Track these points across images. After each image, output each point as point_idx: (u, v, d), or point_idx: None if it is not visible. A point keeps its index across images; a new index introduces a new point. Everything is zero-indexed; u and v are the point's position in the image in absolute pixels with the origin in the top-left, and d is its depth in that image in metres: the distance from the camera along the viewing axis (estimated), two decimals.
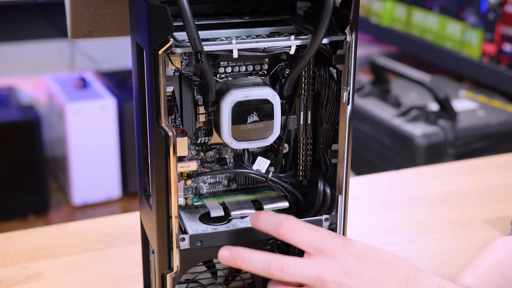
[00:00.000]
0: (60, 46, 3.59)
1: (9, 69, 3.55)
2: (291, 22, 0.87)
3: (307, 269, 0.81)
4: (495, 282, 0.94)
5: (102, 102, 3.18)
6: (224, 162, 0.91)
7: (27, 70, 3.58)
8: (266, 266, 0.82)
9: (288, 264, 0.82)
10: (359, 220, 1.24)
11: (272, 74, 0.88)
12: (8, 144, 3.05)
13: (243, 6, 0.87)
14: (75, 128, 3.15)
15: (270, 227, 0.83)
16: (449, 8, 2.68)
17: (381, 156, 2.41)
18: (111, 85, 3.35)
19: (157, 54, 0.76)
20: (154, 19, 0.75)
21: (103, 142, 3.22)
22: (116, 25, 0.91)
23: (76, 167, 3.20)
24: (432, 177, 1.49)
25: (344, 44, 0.84)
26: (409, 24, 2.90)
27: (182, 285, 0.90)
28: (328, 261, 0.81)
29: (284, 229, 0.82)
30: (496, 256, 0.99)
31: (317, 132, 0.91)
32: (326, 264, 0.81)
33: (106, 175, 3.26)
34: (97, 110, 3.17)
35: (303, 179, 0.93)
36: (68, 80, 3.39)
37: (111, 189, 3.28)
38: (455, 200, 1.37)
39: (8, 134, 3.04)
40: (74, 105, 3.13)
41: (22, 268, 1.09)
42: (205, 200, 0.91)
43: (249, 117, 0.83)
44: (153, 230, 0.84)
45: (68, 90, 3.27)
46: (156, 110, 0.79)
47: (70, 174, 3.21)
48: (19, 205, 3.12)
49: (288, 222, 0.83)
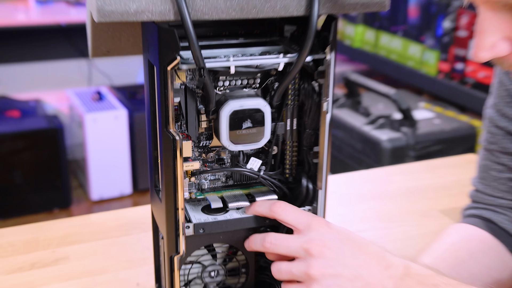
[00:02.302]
0: (79, 65, 3.59)
1: (36, 85, 3.55)
2: (279, 43, 0.87)
3: (294, 241, 0.82)
4: (449, 261, 0.95)
5: (115, 113, 3.18)
6: (222, 162, 0.91)
7: (52, 85, 3.57)
8: (262, 241, 0.84)
9: (277, 238, 0.83)
10: (336, 211, 1.24)
11: (264, 87, 0.88)
12: (35, 149, 3.05)
13: (239, 29, 0.87)
14: (93, 135, 3.15)
15: (265, 208, 0.85)
16: (410, 33, 2.70)
17: (353, 158, 2.41)
18: (123, 98, 3.35)
19: (166, 70, 0.77)
20: (164, 40, 0.75)
21: (116, 146, 3.22)
22: (130, 45, 0.90)
23: (94, 167, 3.20)
24: (396, 175, 1.50)
25: (324, 62, 0.84)
26: (377, 46, 2.91)
27: (187, 266, 0.90)
28: (312, 234, 0.81)
29: (276, 207, 0.84)
30: (450, 240, 1.00)
31: (301, 137, 0.91)
32: (310, 237, 0.81)
33: (119, 174, 3.26)
34: (111, 119, 3.17)
35: (290, 176, 0.93)
36: (86, 94, 3.39)
37: (124, 186, 3.28)
38: (415, 194, 1.38)
39: (36, 140, 3.04)
40: (91, 115, 3.13)
41: (51, 252, 1.09)
42: (206, 194, 0.91)
43: (244, 124, 0.83)
44: (163, 220, 0.84)
45: (87, 102, 3.27)
46: (165, 117, 0.79)
47: (89, 174, 3.21)
48: (45, 200, 3.11)
49: (279, 203, 0.84)
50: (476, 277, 0.94)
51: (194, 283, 0.92)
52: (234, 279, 0.94)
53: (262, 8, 0.78)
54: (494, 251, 0.99)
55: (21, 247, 1.10)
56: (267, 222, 0.88)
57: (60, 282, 1.01)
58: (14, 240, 1.12)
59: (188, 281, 0.91)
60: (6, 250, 1.09)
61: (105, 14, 0.72)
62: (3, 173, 3.02)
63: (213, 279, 0.92)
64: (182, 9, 0.73)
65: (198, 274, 0.92)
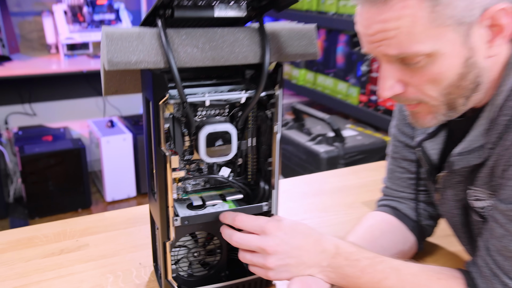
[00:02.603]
0: (96, 101, 3.55)
1: (64, 116, 3.50)
2: (241, 83, 0.87)
3: (253, 241, 0.81)
4: (367, 239, 0.95)
5: (124, 136, 3.14)
6: (201, 171, 0.91)
7: (76, 116, 3.53)
8: (229, 238, 0.84)
9: (240, 237, 0.83)
10: (286, 205, 1.24)
11: (231, 115, 0.88)
12: (64, 164, 3.00)
13: (212, 73, 0.87)
14: (107, 153, 3.11)
15: (230, 219, 0.84)
16: (339, 74, 2.71)
17: (299, 166, 2.41)
18: (129, 125, 3.32)
19: (158, 104, 0.76)
20: (157, 82, 0.75)
21: (124, 161, 3.18)
22: (132, 86, 0.90)
23: (107, 177, 3.15)
24: (330, 177, 1.49)
25: (274, 96, 0.84)
26: (315, 84, 2.93)
27: (176, 249, 0.90)
28: (266, 237, 0.81)
29: (237, 221, 0.83)
30: (368, 224, 1.00)
31: (259, 151, 0.91)
32: (265, 239, 0.81)
33: (127, 181, 3.22)
34: (121, 141, 3.13)
35: (251, 180, 0.93)
36: (102, 122, 3.35)
37: (130, 190, 3.23)
38: (344, 191, 1.38)
39: (64, 157, 3.00)
40: (106, 138, 3.08)
41: (75, 241, 1.08)
42: (190, 195, 0.90)
43: (217, 142, 0.83)
44: (158, 215, 0.84)
45: (102, 128, 3.23)
46: (158, 139, 0.79)
47: (104, 182, 3.16)
48: (72, 202, 3.07)
49: (240, 216, 0.83)
50: (386, 250, 0.94)
51: (182, 261, 0.91)
52: (211, 258, 0.93)
53: (228, 58, 0.78)
54: (398, 230, 0.99)
55: (52, 237, 1.08)
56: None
57: (82, 264, 0.99)
58: (47, 232, 1.10)
59: (177, 260, 0.91)
60: (41, 240, 1.07)
61: (113, 64, 0.72)
62: (40, 182, 2.97)
63: (196, 258, 0.92)
64: (169, 59, 0.73)
65: (185, 255, 0.91)
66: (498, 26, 0.69)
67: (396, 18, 0.67)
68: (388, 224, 1.00)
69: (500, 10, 0.68)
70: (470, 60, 0.70)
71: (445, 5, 0.66)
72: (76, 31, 3.18)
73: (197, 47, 0.76)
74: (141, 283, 0.94)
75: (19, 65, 2.99)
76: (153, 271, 0.97)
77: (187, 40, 0.75)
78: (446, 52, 0.69)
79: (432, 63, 0.70)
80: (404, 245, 0.99)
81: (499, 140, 0.74)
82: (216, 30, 0.78)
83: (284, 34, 0.81)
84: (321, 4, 2.71)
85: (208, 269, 0.92)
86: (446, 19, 0.67)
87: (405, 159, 1.00)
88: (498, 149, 0.75)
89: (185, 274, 0.91)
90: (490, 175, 0.78)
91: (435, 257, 1.04)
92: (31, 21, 3.37)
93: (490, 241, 0.76)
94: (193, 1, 0.75)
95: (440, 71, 0.70)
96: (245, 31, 0.79)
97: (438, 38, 0.68)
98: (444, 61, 0.70)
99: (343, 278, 0.82)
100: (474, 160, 0.78)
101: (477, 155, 0.78)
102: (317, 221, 1.19)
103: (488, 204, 0.81)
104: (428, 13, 0.66)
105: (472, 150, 0.78)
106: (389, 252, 0.94)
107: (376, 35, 0.70)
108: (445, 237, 1.08)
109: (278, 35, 0.81)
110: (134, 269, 0.98)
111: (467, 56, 0.70)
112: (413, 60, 0.70)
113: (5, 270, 0.97)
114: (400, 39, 0.69)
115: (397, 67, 0.73)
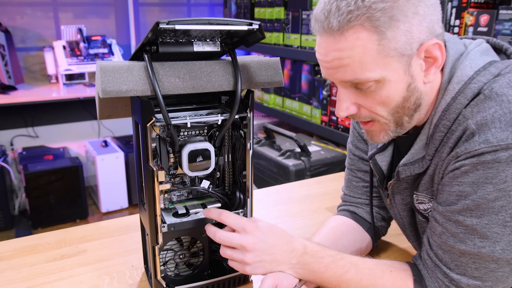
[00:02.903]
0: (92, 124, 3.50)
1: (64, 138, 3.44)
2: (218, 107, 0.88)
3: (234, 239, 0.81)
4: (330, 239, 0.95)
5: (116, 154, 3.10)
6: (185, 183, 0.91)
7: (74, 138, 3.48)
8: (213, 235, 0.83)
9: (224, 235, 0.82)
10: (260, 212, 1.24)
11: (209, 135, 0.88)
12: (63, 179, 2.95)
13: (192, 99, 0.87)
14: (101, 169, 3.06)
15: (216, 215, 0.84)
16: (304, 98, 2.72)
17: (271, 177, 2.39)
18: (121, 144, 3.28)
19: (146, 126, 0.76)
20: (144, 108, 0.75)
21: (117, 176, 3.13)
22: (123, 111, 0.90)
23: (102, 191, 3.10)
24: (298, 187, 1.49)
25: (247, 118, 0.84)
26: (283, 107, 2.93)
27: (163, 252, 0.89)
28: (246, 235, 0.81)
29: (223, 216, 0.82)
30: (330, 226, 1.00)
31: (234, 165, 0.91)
32: (245, 237, 0.81)
33: (119, 194, 3.16)
34: (114, 159, 3.09)
35: (228, 190, 0.93)
36: (97, 143, 3.30)
37: (123, 202, 3.18)
38: (310, 198, 1.37)
39: (64, 173, 2.94)
40: (100, 157, 3.04)
41: (75, 247, 1.06)
42: (175, 204, 0.90)
43: (198, 159, 0.83)
44: (147, 222, 0.83)
45: (97, 148, 3.18)
46: (146, 156, 0.78)
47: (99, 195, 3.10)
48: (70, 214, 3.00)
49: (225, 212, 0.83)
50: (347, 248, 0.94)
51: (169, 263, 0.91)
52: (195, 259, 0.92)
53: (206, 86, 0.78)
54: (357, 231, 1.00)
55: (54, 245, 1.07)
56: (214, 222, 0.87)
57: (81, 267, 0.98)
58: (49, 240, 1.08)
59: (165, 261, 0.90)
60: (44, 247, 1.05)
61: (106, 93, 0.72)
62: (42, 196, 2.90)
63: (182, 260, 0.91)
64: (155, 88, 0.73)
65: (172, 257, 0.90)
66: (432, 57, 0.72)
67: (350, 48, 0.69)
68: (347, 226, 1.00)
69: (433, 44, 0.71)
70: (411, 86, 0.73)
71: (389, 40, 0.68)
72: (73, 63, 3.16)
73: (179, 77, 0.76)
74: (133, 283, 0.93)
75: (23, 93, 2.95)
76: (144, 272, 0.96)
77: (170, 71, 0.76)
78: (392, 79, 0.71)
79: (381, 88, 0.72)
80: (362, 244, 1.00)
81: (436, 153, 0.76)
82: (195, 63, 0.78)
83: (253, 65, 0.83)
84: (286, 38, 2.75)
85: (193, 269, 0.92)
86: (391, 51, 0.69)
87: (360, 170, 1.01)
88: (435, 160, 0.77)
89: (172, 274, 0.91)
90: (430, 182, 0.80)
91: (388, 253, 1.05)
92: (34, 55, 3.33)
93: (431, 238, 0.78)
94: (175, 38, 0.76)
95: (388, 95, 0.72)
96: (220, 63, 0.80)
97: (385, 66, 0.70)
98: (391, 86, 0.72)
99: (310, 274, 0.82)
100: (416, 170, 0.80)
101: (419, 166, 0.80)
102: (287, 225, 1.19)
103: (429, 207, 0.83)
104: (376, 46, 0.68)
105: (414, 161, 0.80)
106: (349, 250, 0.95)
107: (333, 62, 0.71)
108: (396, 236, 1.09)
109: (248, 66, 0.82)
110: (127, 271, 0.97)
111: (409, 82, 0.72)
112: (365, 86, 0.72)
113: (12, 274, 0.95)
114: (353, 67, 0.70)
115: (352, 91, 0.75)
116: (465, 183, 0.71)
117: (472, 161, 0.69)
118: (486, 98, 0.70)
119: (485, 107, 0.70)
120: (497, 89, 0.70)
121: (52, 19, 3.32)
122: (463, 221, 0.72)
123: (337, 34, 0.69)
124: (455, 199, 0.73)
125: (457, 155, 0.72)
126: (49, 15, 3.31)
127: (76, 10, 3.40)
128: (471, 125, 0.70)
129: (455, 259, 0.74)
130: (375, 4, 0.67)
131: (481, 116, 0.70)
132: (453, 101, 0.73)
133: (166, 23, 0.68)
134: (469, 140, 0.70)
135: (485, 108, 0.70)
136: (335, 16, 0.68)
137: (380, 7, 0.67)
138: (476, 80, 0.72)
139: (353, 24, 0.68)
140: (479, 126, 0.69)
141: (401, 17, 0.68)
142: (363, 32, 0.68)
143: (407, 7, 0.68)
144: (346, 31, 0.68)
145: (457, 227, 0.73)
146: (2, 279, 0.93)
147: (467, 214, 0.72)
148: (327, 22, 0.69)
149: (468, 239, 0.72)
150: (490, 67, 0.73)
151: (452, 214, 0.73)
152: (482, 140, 0.68)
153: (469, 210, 0.71)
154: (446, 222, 0.75)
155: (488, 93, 0.71)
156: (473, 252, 0.72)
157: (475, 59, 0.75)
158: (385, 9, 0.67)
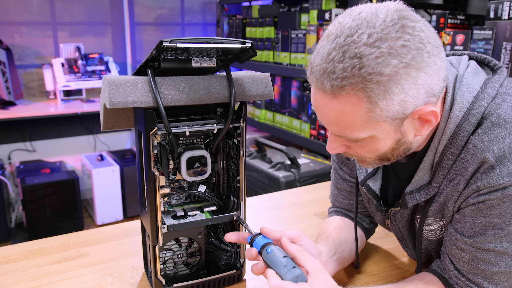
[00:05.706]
0: (88, 139, 3.52)
1: (61, 152, 3.45)
2: (214, 117, 0.90)
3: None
4: (333, 236, 0.96)
5: (112, 168, 3.11)
6: (183, 188, 0.92)
7: (71, 152, 3.48)
8: (268, 282, 0.74)
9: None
10: (253, 218, 1.24)
11: (206, 143, 0.90)
12: (60, 192, 2.95)
13: (190, 111, 0.89)
14: (97, 182, 3.06)
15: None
16: (293, 113, 2.67)
17: (263, 189, 2.36)
18: (117, 158, 3.28)
19: (149, 135, 0.79)
20: (147, 117, 0.78)
21: (112, 190, 3.13)
22: (126, 122, 0.92)
23: (98, 203, 3.10)
24: (288, 195, 1.50)
25: (240, 128, 0.87)
26: (274, 121, 2.91)
27: (163, 252, 0.90)
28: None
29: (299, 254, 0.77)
30: (326, 228, 1.01)
31: (229, 171, 0.92)
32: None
33: (115, 207, 3.16)
34: (109, 172, 3.10)
35: (223, 195, 0.94)
36: (93, 157, 3.31)
37: (118, 214, 3.17)
38: (299, 205, 1.39)
39: (60, 187, 2.94)
40: (96, 170, 3.05)
41: (78, 251, 1.08)
42: (174, 207, 0.91)
43: (195, 165, 0.85)
44: (148, 224, 0.85)
45: (93, 162, 3.19)
46: (148, 162, 0.80)
47: (95, 208, 3.11)
48: (66, 226, 2.99)
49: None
50: (344, 240, 0.96)
51: (168, 262, 0.92)
52: (192, 259, 0.94)
53: (203, 98, 0.81)
54: (350, 225, 1.01)
55: (58, 248, 1.09)
56: (211, 223, 0.88)
57: (84, 268, 1.00)
58: (53, 244, 1.10)
59: (164, 261, 0.91)
60: (49, 250, 1.08)
61: (113, 104, 0.75)
62: (39, 209, 2.90)
63: (180, 259, 0.92)
64: (157, 100, 0.76)
65: (171, 256, 0.92)
66: (426, 120, 0.69)
67: (340, 111, 0.66)
68: (342, 222, 1.01)
69: (429, 112, 0.68)
70: (401, 140, 0.71)
71: (381, 109, 0.65)
72: (71, 80, 3.19)
73: (179, 90, 0.79)
74: (134, 282, 0.95)
75: (22, 109, 2.97)
76: (144, 272, 0.98)
77: (171, 85, 0.79)
78: (381, 137, 0.69)
79: (369, 142, 0.71)
80: (361, 241, 1.02)
81: (448, 181, 0.75)
82: (193, 77, 0.82)
83: (245, 80, 0.86)
84: (276, 56, 2.79)
85: (190, 268, 0.94)
86: (381, 117, 0.66)
87: (344, 190, 1.03)
88: (448, 189, 0.76)
89: (171, 273, 0.92)
90: (440, 208, 0.79)
91: (373, 253, 1.08)
92: (33, 72, 3.36)
93: (458, 264, 0.78)
94: (175, 55, 0.80)
95: (377, 148, 0.71)
96: (216, 78, 0.83)
97: (374, 128, 0.67)
98: (380, 141, 0.70)
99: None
100: (422, 197, 0.79)
101: (425, 193, 0.78)
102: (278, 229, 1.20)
103: (436, 227, 0.83)
104: (365, 113, 0.65)
105: (419, 188, 0.79)
106: (352, 243, 0.96)
107: (323, 116, 0.69)
108: (379, 239, 1.13)
109: (241, 81, 0.86)
110: (128, 271, 0.99)
111: (399, 138, 0.70)
112: (353, 139, 0.71)
113: (20, 275, 0.97)
114: (342, 126, 0.68)
115: (341, 138, 0.73)
116: (492, 214, 0.70)
117: (497, 195, 0.69)
118: (495, 126, 0.69)
119: (497, 136, 0.68)
120: (504, 116, 0.69)
121: (51, 37, 3.37)
122: (494, 248, 0.72)
123: (329, 95, 0.65)
124: (482, 229, 0.72)
125: (478, 188, 0.70)
126: (48, 33, 3.36)
127: (74, 29, 3.45)
128: (490, 158, 0.68)
129: (487, 278, 0.75)
130: (371, 76, 0.62)
131: (498, 148, 0.68)
132: (458, 129, 0.72)
133: (168, 42, 0.72)
134: (490, 173, 0.68)
135: (498, 138, 0.68)
136: (329, 79, 0.64)
137: (376, 80, 0.62)
138: (477, 105, 0.71)
139: (346, 92, 0.63)
140: (498, 159, 0.68)
141: (397, 89, 0.63)
142: (355, 99, 0.64)
143: (405, 79, 0.63)
144: (338, 95, 0.64)
145: (488, 253, 0.73)
146: (11, 280, 0.95)
147: (497, 241, 0.72)
148: (320, 81, 0.65)
149: (500, 261, 0.73)
150: (486, 89, 0.72)
151: (482, 244, 0.73)
152: (506, 174, 0.67)
153: (499, 237, 0.71)
154: (475, 251, 0.74)
155: (496, 120, 0.69)
156: (506, 271, 0.73)
157: (471, 84, 0.74)
158: (380, 82, 0.62)
